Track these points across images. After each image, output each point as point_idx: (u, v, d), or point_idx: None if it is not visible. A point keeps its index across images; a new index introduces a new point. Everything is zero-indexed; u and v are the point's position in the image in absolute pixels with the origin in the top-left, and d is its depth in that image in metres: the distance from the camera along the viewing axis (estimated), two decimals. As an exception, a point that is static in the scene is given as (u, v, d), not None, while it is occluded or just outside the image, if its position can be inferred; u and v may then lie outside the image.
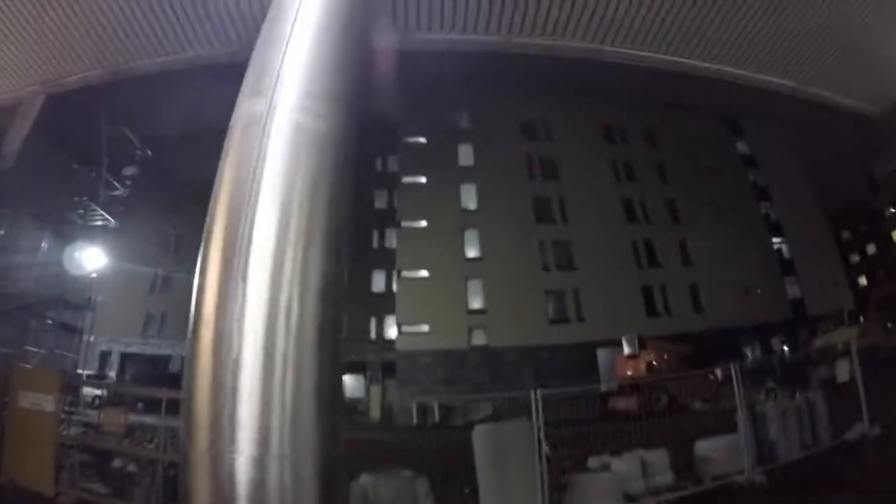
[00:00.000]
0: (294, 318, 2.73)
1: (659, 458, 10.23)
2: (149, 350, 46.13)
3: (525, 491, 9.00)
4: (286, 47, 3.29)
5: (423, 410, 29.18)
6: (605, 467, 10.09)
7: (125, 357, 45.87)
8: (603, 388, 20.29)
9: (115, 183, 30.11)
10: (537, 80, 34.24)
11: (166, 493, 9.19)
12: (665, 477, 9.96)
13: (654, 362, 21.13)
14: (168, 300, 47.42)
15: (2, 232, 22.59)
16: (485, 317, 33.15)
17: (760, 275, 34.48)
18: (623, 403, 19.77)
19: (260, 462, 2.51)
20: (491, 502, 9.00)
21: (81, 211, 26.76)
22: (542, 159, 36.20)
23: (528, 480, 9.04)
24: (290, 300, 2.75)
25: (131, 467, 10.27)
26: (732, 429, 10.46)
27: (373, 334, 40.37)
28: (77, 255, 26.32)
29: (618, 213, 33.88)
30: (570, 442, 12.32)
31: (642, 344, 22.38)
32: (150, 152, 37.60)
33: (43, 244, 25.97)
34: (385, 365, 36.76)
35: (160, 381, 30.54)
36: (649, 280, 31.86)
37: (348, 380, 40.70)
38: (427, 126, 38.96)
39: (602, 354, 26.57)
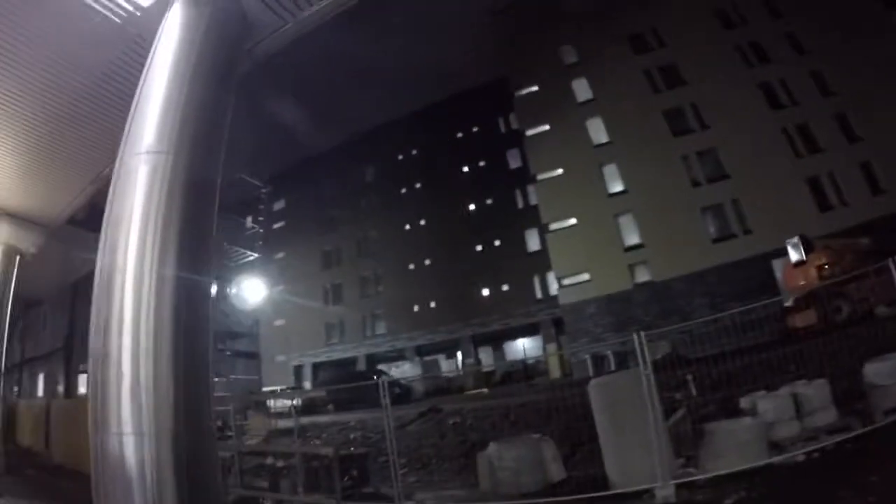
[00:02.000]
0: (153, 319, 3.36)
1: (817, 391, 8.46)
2: (335, 356, 48.80)
3: (641, 446, 8.01)
4: (137, 103, 4.30)
5: (598, 361, 28.10)
6: (753, 409, 8.60)
7: (316, 366, 48.92)
8: (785, 301, 17.93)
9: (247, 222, 33.12)
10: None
11: (307, 481, 10.68)
12: (825, 415, 8.21)
13: (826, 265, 18.09)
14: (340, 309, 50.48)
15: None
16: (643, 251, 30.98)
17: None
18: (801, 319, 17.45)
19: (136, 440, 3.14)
20: (610, 461, 8.38)
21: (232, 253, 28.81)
22: (661, 69, 32.86)
23: (643, 435, 8.01)
24: (149, 306, 3.39)
25: (280, 462, 11.75)
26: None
27: (538, 293, 39.81)
28: (238, 290, 29.11)
29: (759, 101, 29.54)
30: (720, 380, 11.08)
31: (809, 246, 19.32)
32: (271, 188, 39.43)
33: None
34: (556, 321, 36.02)
35: (350, 380, 32.59)
36: (814, 169, 27.51)
37: (527, 342, 40.39)
38: (534, 72, 37.22)
39: (778, 265, 23.57)
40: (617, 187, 32.78)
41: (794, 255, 19.35)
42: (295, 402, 29.80)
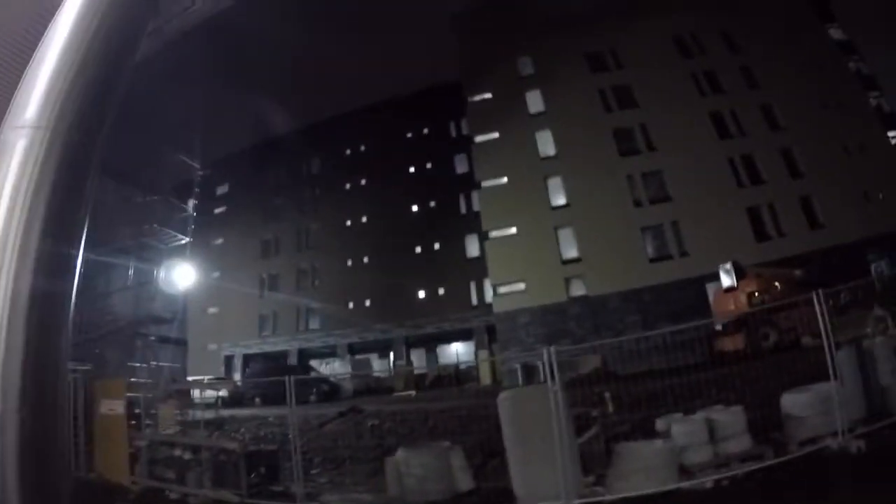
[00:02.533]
0: (10, 290, 3.25)
1: (733, 417, 8.30)
2: (267, 348, 47.97)
3: (548, 462, 7.81)
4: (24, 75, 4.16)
5: (529, 370, 27.99)
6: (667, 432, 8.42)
7: (247, 357, 47.96)
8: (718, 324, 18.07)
9: (181, 205, 31.73)
10: (591, 7, 31.93)
11: (214, 475, 10.67)
12: (739, 442, 8.05)
13: (756, 293, 18.34)
14: (275, 301, 49.72)
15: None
16: (580, 265, 31.14)
17: (881, 177, 29.66)
18: (728, 343, 17.53)
19: None
20: (516, 476, 8.21)
21: (159, 236, 27.97)
22: (615, 89, 33.23)
23: (550, 450, 7.82)
24: (7, 277, 3.29)
25: (187, 455, 11.55)
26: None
27: (474, 300, 39.67)
28: (166, 274, 28.32)
29: (708, 129, 30.28)
30: (640, 399, 10.98)
31: (741, 272, 19.57)
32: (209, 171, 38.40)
33: (130, 272, 27.92)
34: (489, 329, 35.88)
35: (278, 374, 31.89)
36: (755, 200, 28.30)
37: (460, 347, 40.27)
38: (489, 79, 37.04)
39: (712, 289, 23.93)
40: (560, 200, 32.90)
41: (725, 281, 19.61)
42: (220, 392, 29.52)
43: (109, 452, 11.82)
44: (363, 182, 49.91)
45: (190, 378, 34.09)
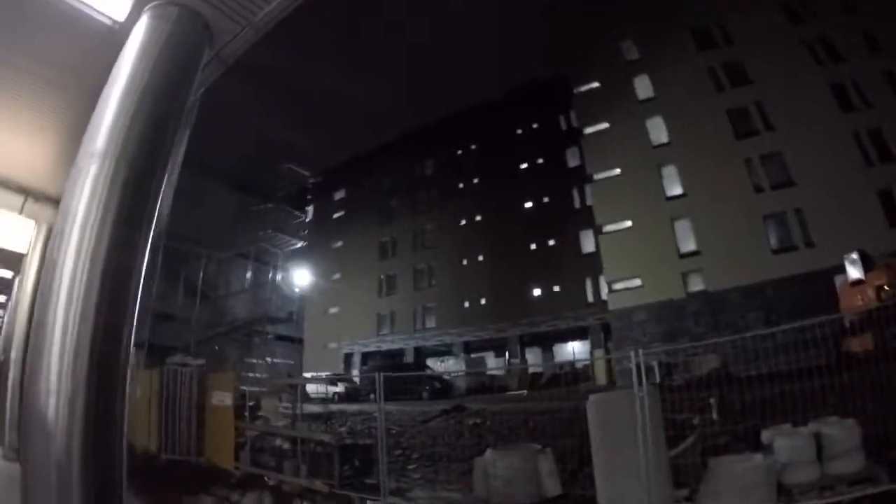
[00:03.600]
0: (82, 299, 3.99)
1: (846, 432, 7.29)
2: (384, 347, 49.00)
3: (633, 473, 7.18)
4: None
5: (643, 371, 26.74)
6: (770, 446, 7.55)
7: (366, 355, 49.17)
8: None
9: (295, 212, 32.49)
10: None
11: (311, 464, 11.05)
12: (850, 462, 7.05)
13: (885, 286, 16.39)
14: (393, 301, 50.82)
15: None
16: (699, 259, 29.42)
17: None
18: (856, 343, 15.86)
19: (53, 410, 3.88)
20: (602, 485, 7.65)
21: (275, 241, 29.35)
22: (726, 67, 30.90)
23: (633, 461, 7.19)
24: (80, 287, 4.02)
25: (286, 445, 12.17)
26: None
27: (590, 296, 38.59)
28: (284, 277, 29.96)
29: (829, 103, 27.25)
30: (747, 407, 10.04)
31: (869, 263, 17.59)
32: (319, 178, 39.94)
33: (248, 275, 29.66)
34: (605, 327, 34.78)
35: (395, 371, 32.64)
36: (886, 180, 25.18)
37: (576, 345, 39.36)
38: (594, 68, 36.00)
39: (840, 282, 21.78)
40: (675, 190, 31.33)
41: (851, 273, 17.78)
42: (336, 388, 30.62)
43: (217, 439, 12.76)
44: (476, 181, 50.00)
45: (306, 374, 35.35)
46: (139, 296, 4.51)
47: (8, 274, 15.06)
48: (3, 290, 16.34)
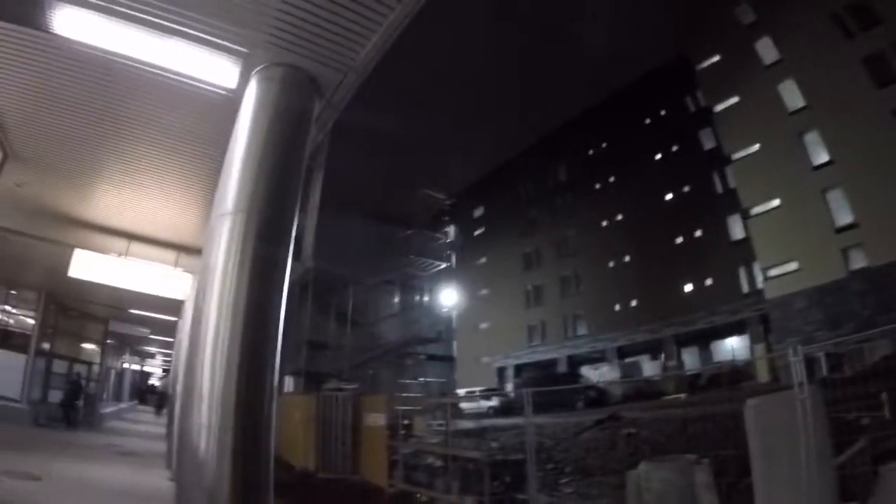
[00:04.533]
0: (226, 353, 4.52)
1: None
2: (536, 357, 49.05)
3: (794, 484, 6.63)
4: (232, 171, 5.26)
5: (809, 363, 24.77)
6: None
7: (519, 367, 49.40)
8: None
9: (434, 234, 34.20)
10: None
11: (462, 481, 11.27)
12: None
13: None
14: (542, 311, 50.82)
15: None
16: (858, 231, 26.62)
17: None
18: None
19: (205, 431, 4.39)
20: (760, 496, 7.10)
21: (419, 264, 31.04)
22: (850, 9, 27.60)
23: (795, 470, 6.61)
24: (223, 343, 4.55)
25: (438, 462, 12.73)
26: None
27: (745, 287, 36.44)
28: (430, 297, 31.08)
29: None
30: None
31: None
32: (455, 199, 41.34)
33: (396, 300, 31.49)
34: (764, 318, 32.68)
35: (549, 382, 32.67)
36: None
37: (735, 341, 37.24)
38: (712, 40, 34.25)
39: None
40: (822, 158, 28.66)
41: None
42: (490, 402, 31.13)
43: (371, 458, 13.56)
44: (612, 179, 48.98)
45: (459, 390, 36.02)
46: (279, 334, 4.92)
47: (175, 318, 16.93)
48: (173, 332, 18.40)
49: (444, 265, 32.44)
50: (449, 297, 34.15)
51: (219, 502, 4.26)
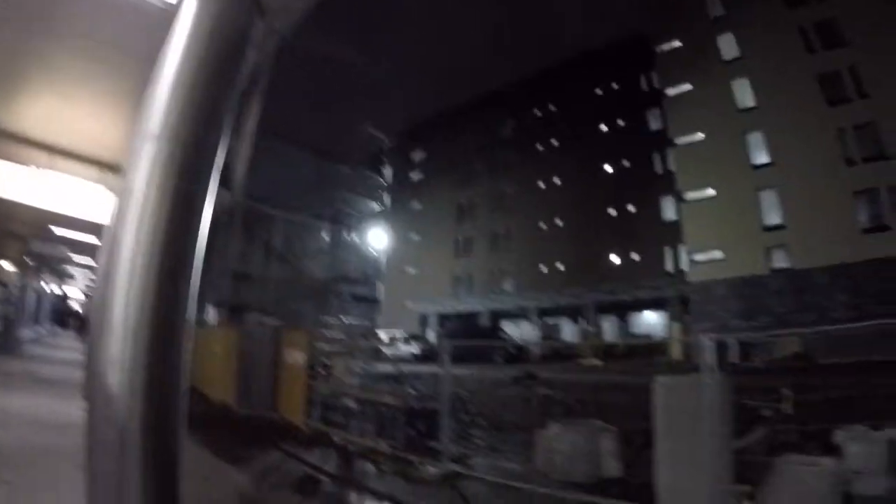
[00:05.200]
0: (138, 284, 3.78)
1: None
2: (460, 308, 49.36)
3: (695, 464, 6.73)
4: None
5: (720, 349, 25.89)
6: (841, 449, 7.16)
7: (442, 317, 49.72)
8: None
9: (373, 174, 33.42)
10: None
11: (377, 425, 11.06)
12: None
13: None
14: (470, 263, 51.04)
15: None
16: (784, 233, 27.92)
17: None
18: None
19: (111, 367, 3.79)
20: (662, 473, 7.12)
21: (352, 203, 30.18)
22: (817, 26, 28.50)
23: (696, 450, 6.73)
24: (134, 272, 3.83)
25: (355, 405, 12.12)
26: None
27: (669, 266, 37.51)
28: (360, 238, 30.38)
29: None
30: (824, 401, 9.59)
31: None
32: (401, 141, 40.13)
33: (326, 236, 30.41)
34: (684, 299, 33.80)
35: (472, 335, 33.03)
36: None
37: (653, 316, 38.53)
38: (677, 26, 34.42)
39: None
40: (762, 158, 29.72)
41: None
42: (411, 348, 31.19)
43: (289, 396, 13.12)
44: (555, 143, 48.99)
45: (381, 333, 36.05)
46: (198, 267, 4.30)
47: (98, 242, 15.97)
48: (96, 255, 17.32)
49: (377, 206, 32.02)
50: (379, 239, 33.67)
51: (129, 439, 3.73)
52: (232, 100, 5.20)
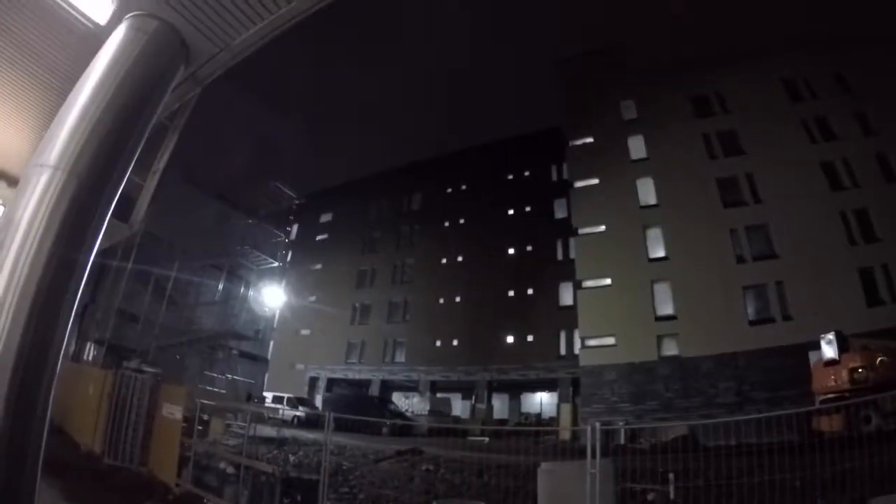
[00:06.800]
0: (13, 309, 3.86)
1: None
2: (351, 375, 48.42)
3: None
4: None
5: (607, 432, 26.35)
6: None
7: (332, 381, 48.59)
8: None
9: (276, 231, 32.75)
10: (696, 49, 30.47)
11: (252, 492, 10.74)
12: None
13: (860, 368, 16.40)
14: (365, 330, 50.37)
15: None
16: (675, 323, 29.23)
17: None
18: (826, 423, 15.80)
19: None
20: None
21: (251, 258, 28.96)
22: (720, 135, 31.33)
23: None
24: (14, 296, 3.88)
25: (231, 469, 11.87)
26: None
27: (563, 349, 38.29)
28: (255, 294, 29.57)
29: (819, 181, 27.67)
30: (706, 486, 9.67)
31: (844, 344, 17.59)
32: (304, 200, 39.89)
33: (220, 288, 29.27)
34: (575, 381, 34.41)
35: (358, 403, 32.17)
36: (868, 259, 25.46)
37: (545, 396, 38.99)
38: (591, 124, 36.20)
39: (816, 357, 21.62)
40: (658, 252, 31.34)
41: (827, 353, 17.77)
42: (296, 412, 30.07)
43: (162, 452, 12.48)
44: (461, 221, 49.93)
45: (267, 394, 34.72)
46: (75, 301, 4.37)
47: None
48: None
49: (276, 263, 31.36)
50: (274, 297, 32.77)
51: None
52: (140, 137, 5.08)
